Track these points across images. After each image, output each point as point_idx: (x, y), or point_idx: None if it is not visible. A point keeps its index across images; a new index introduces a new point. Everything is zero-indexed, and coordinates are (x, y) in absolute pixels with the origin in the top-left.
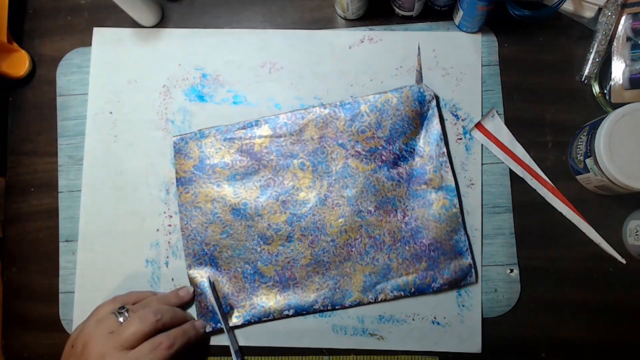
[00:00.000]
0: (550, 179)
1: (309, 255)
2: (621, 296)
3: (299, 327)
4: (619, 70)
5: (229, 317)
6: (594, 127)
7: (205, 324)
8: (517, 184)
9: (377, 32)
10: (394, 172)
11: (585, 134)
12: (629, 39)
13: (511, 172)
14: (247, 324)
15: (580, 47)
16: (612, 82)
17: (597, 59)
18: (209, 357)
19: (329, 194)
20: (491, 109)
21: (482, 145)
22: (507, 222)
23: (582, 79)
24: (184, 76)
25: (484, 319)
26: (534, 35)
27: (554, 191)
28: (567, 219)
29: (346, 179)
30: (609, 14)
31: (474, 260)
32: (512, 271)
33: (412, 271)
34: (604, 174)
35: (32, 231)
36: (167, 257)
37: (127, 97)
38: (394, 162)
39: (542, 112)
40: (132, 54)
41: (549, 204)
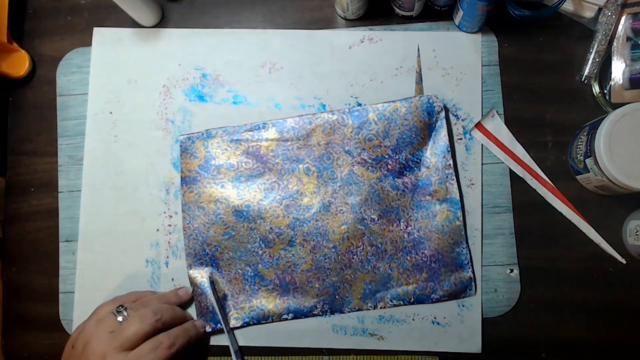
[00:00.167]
0: (550, 179)
1: (310, 260)
2: (621, 296)
3: (299, 327)
4: (619, 70)
5: (228, 318)
6: (594, 127)
7: (205, 323)
8: (517, 184)
9: (377, 32)
10: (399, 181)
11: (585, 134)
12: (629, 39)
13: (511, 172)
14: (247, 325)
15: (580, 47)
16: (612, 82)
17: (597, 59)
18: (209, 357)
19: (333, 200)
20: (491, 109)
21: (482, 145)
22: (507, 222)
23: (582, 79)
24: (184, 76)
25: (484, 319)
26: (534, 35)
27: (554, 191)
28: (567, 219)
29: (351, 186)
30: (609, 14)
31: (474, 273)
32: (512, 271)
33: (413, 281)
34: (604, 174)
35: (32, 231)
36: (167, 257)
37: (127, 97)
38: (400, 172)
39: (542, 112)
40: (132, 54)
41: (549, 204)
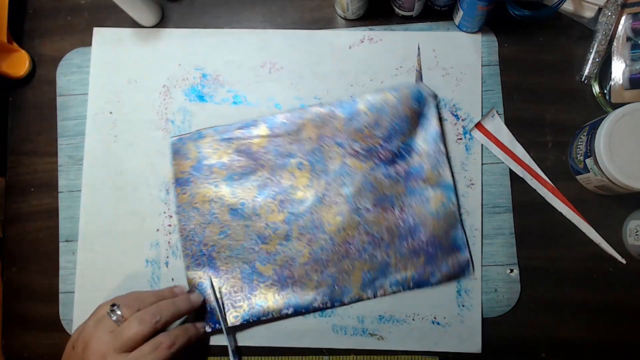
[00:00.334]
0: (550, 179)
1: (307, 253)
2: (621, 296)
3: (299, 327)
4: (619, 70)
5: (228, 317)
6: (594, 127)
7: (205, 324)
8: (517, 184)
9: (377, 32)
10: (391, 170)
11: (585, 134)
12: (629, 39)
13: (511, 172)
14: (247, 324)
15: (580, 47)
16: (612, 82)
17: (597, 59)
18: (208, 357)
19: (327, 193)
20: (491, 109)
21: (482, 145)
22: (507, 222)
23: (582, 79)
24: (184, 76)
25: (484, 319)
26: (534, 35)
27: (554, 191)
28: (567, 219)
29: (344, 178)
30: (609, 14)
31: (471, 254)
32: (512, 271)
33: (410, 267)
34: (604, 174)
35: (32, 231)
36: (167, 257)
37: (127, 97)
38: (392, 160)
39: (542, 112)
40: (132, 54)
41: (549, 204)
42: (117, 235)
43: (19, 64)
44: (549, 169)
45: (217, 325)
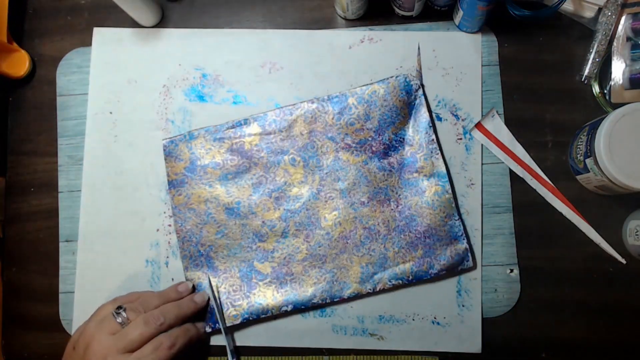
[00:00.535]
0: (550, 179)
1: (305, 249)
2: (621, 296)
3: (299, 327)
4: (619, 70)
5: (227, 316)
6: (594, 127)
7: (205, 324)
8: (517, 184)
9: (377, 32)
10: (385, 162)
11: (585, 134)
12: (629, 39)
13: (511, 172)
14: (247, 323)
15: (580, 47)
16: (612, 82)
17: (597, 59)
18: (208, 357)
19: (322, 188)
20: (491, 109)
21: (482, 145)
22: (507, 222)
23: (582, 79)
24: (184, 76)
25: (484, 319)
26: (534, 35)
27: (554, 191)
28: (567, 219)
29: (338, 172)
30: (609, 14)
31: (469, 244)
32: (512, 271)
33: (409, 259)
34: (604, 174)
35: (32, 231)
36: (167, 257)
37: (127, 97)
38: (385, 153)
39: (542, 112)
40: (132, 54)
41: (549, 204)
42: (117, 235)
43: (19, 64)
44: (549, 169)
45: (217, 325)
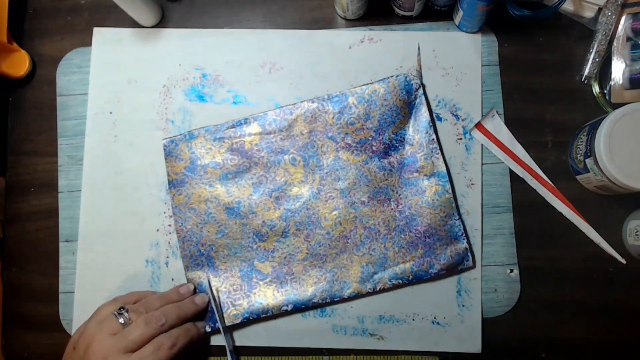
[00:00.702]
0: (550, 179)
1: (305, 249)
2: (621, 296)
3: (299, 327)
4: (619, 70)
5: (228, 316)
6: (594, 127)
7: (205, 323)
8: (517, 184)
9: (377, 32)
10: (385, 161)
11: (585, 134)
12: (629, 39)
13: (511, 172)
14: (247, 323)
15: (580, 47)
16: (612, 82)
17: (597, 59)
18: (209, 357)
19: (322, 187)
20: (491, 109)
21: (482, 145)
22: (507, 222)
23: (582, 79)
24: (184, 76)
25: (484, 319)
26: (534, 35)
27: (554, 191)
28: (567, 219)
29: (338, 172)
30: (609, 14)
31: (469, 244)
32: (512, 271)
33: (409, 259)
34: (604, 174)
35: (32, 231)
36: (167, 257)
37: (127, 97)
38: (385, 152)
39: (542, 112)
40: (132, 54)
41: (549, 204)
42: (117, 235)
43: (19, 64)
44: (549, 169)
45: (217, 324)
